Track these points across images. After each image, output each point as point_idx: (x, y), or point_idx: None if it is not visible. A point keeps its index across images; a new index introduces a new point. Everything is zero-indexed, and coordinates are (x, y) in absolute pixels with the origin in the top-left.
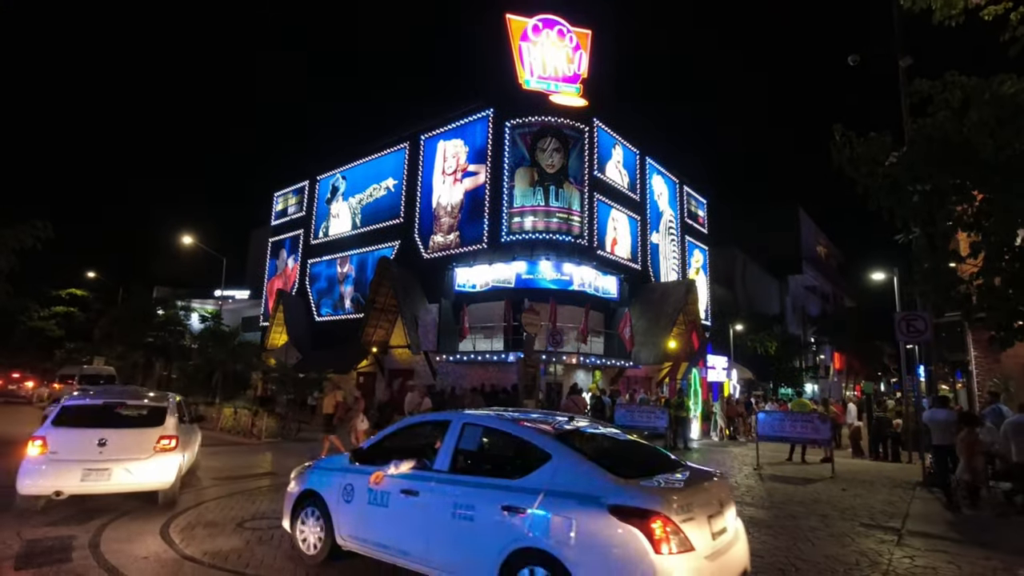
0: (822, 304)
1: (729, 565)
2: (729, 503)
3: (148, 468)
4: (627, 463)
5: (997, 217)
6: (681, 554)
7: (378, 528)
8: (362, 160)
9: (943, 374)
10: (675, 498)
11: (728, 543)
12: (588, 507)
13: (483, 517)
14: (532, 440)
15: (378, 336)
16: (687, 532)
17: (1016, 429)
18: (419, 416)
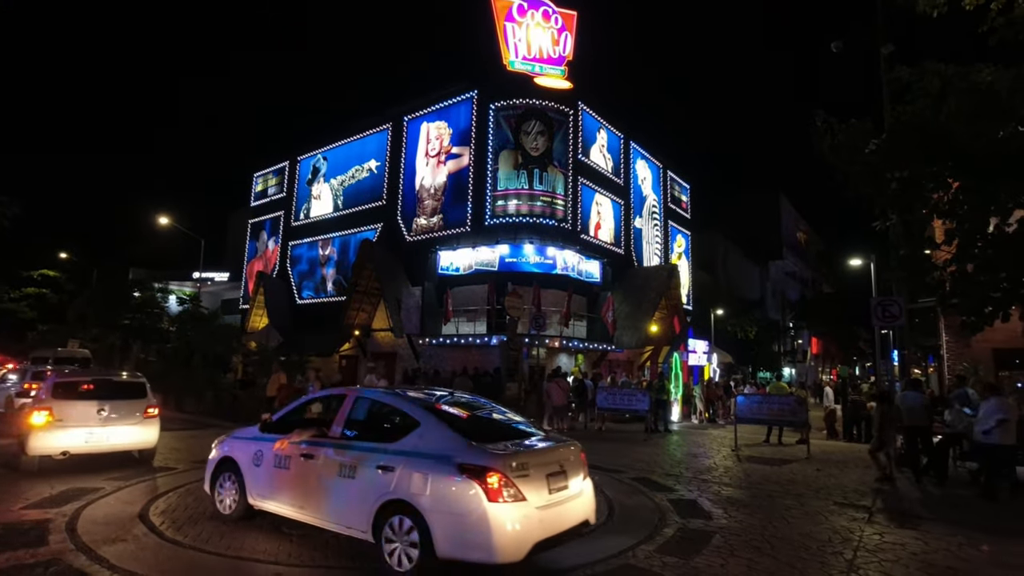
0: (801, 289)
1: (565, 515)
2: (576, 466)
3: (138, 431)
4: (485, 431)
5: (971, 205)
6: (513, 503)
7: (282, 488)
8: (344, 141)
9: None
10: (512, 458)
11: (567, 498)
12: (442, 465)
13: (363, 475)
14: (407, 410)
15: (361, 319)
16: (520, 486)
17: (983, 413)
18: (321, 391)
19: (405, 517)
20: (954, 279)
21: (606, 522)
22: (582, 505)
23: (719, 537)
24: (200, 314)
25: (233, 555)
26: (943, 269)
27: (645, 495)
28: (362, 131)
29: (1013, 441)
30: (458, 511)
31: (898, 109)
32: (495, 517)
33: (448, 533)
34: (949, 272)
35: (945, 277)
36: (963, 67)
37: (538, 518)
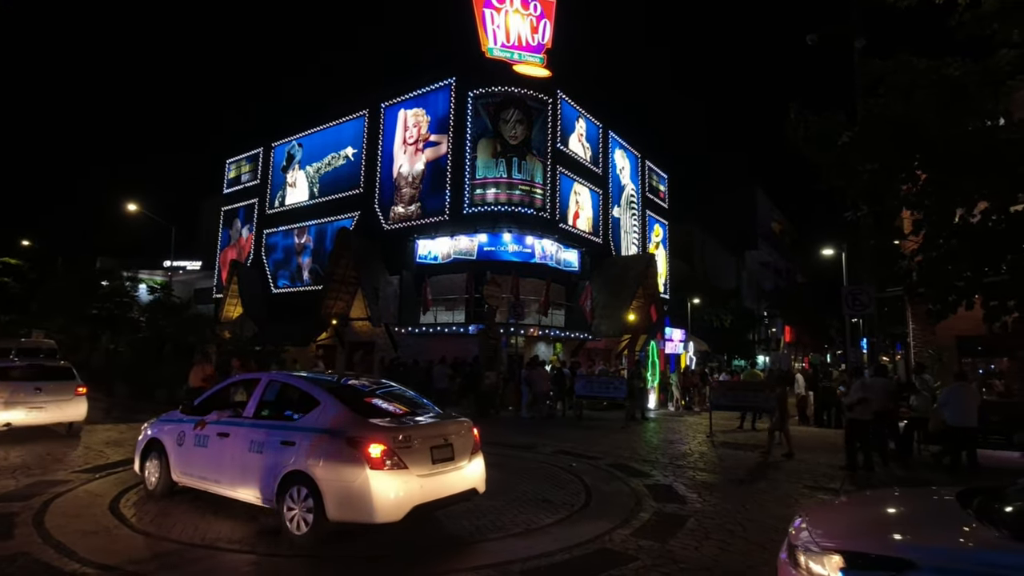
0: (776, 279)
1: (448, 483)
2: (465, 441)
3: (70, 407)
4: (379, 409)
5: (938, 197)
6: (394, 471)
7: (200, 464)
8: (320, 128)
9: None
10: (396, 432)
11: (452, 468)
12: (334, 439)
13: (269, 450)
14: (310, 391)
15: (338, 308)
16: (402, 456)
17: (947, 397)
18: (239, 376)
19: (303, 487)
20: (921, 268)
21: (584, 507)
22: (469, 475)
23: (693, 520)
24: (172, 303)
25: (207, 545)
26: (911, 259)
27: (622, 481)
28: (338, 117)
29: (868, 416)
30: (345, 478)
31: (870, 102)
32: (376, 483)
33: (336, 498)
34: (916, 262)
35: (912, 267)
36: (933, 61)
37: (419, 485)
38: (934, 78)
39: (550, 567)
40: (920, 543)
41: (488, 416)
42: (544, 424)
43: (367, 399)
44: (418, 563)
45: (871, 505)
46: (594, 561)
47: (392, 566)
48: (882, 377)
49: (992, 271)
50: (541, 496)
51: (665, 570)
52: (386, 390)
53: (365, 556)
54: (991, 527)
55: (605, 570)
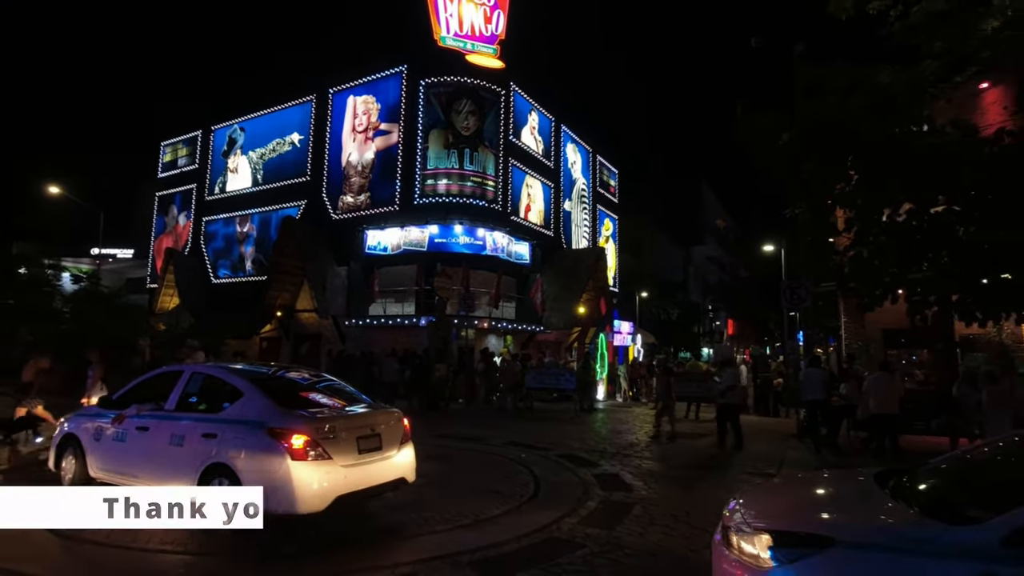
0: (720, 274)
1: (375, 473)
2: (394, 432)
3: None
4: (305, 400)
5: (868, 196)
6: (317, 461)
7: (118, 459)
8: (264, 112)
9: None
10: (320, 423)
11: (380, 458)
12: (256, 431)
13: (190, 442)
14: (234, 383)
15: (283, 299)
16: (326, 447)
17: (872, 386)
18: (161, 368)
19: (224, 479)
20: (851, 264)
21: (533, 498)
22: (398, 465)
23: (639, 508)
24: (100, 293)
25: (139, 547)
26: (842, 255)
27: (571, 471)
28: (284, 102)
29: (739, 401)
30: (266, 469)
31: (809, 104)
32: (298, 474)
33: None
34: (848, 257)
35: (844, 262)
36: (868, 68)
37: (343, 475)
38: (867, 84)
39: (499, 557)
40: (840, 521)
41: (438, 408)
42: (494, 416)
43: (300, 391)
44: (365, 556)
45: (800, 487)
46: (543, 550)
47: (337, 559)
48: (816, 368)
49: (915, 268)
50: (490, 487)
51: (612, 556)
52: (325, 383)
53: (307, 550)
54: (905, 505)
55: (553, 558)
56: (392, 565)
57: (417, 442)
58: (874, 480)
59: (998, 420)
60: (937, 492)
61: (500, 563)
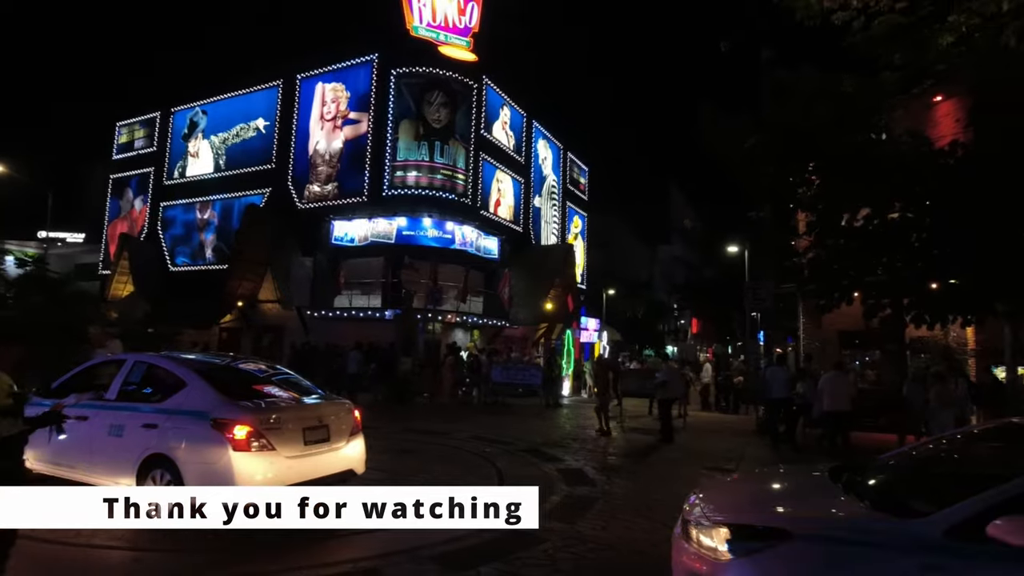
0: (686, 273)
1: (323, 464)
2: (343, 423)
3: None
4: (251, 391)
5: (828, 200)
6: (260, 452)
7: (56, 450)
8: (227, 95)
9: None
10: (265, 413)
11: (328, 449)
12: (199, 421)
13: (129, 433)
14: (178, 373)
15: (245, 289)
16: (271, 437)
17: (825, 384)
18: (103, 356)
19: (165, 470)
20: (811, 266)
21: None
22: (346, 456)
23: (602, 502)
24: (47, 278)
25: (83, 544)
26: (802, 257)
27: (535, 466)
28: (249, 86)
29: (675, 395)
30: (208, 460)
31: (775, 109)
32: (239, 465)
33: (196, 481)
34: (807, 259)
35: (804, 264)
36: (832, 76)
37: (288, 466)
38: (830, 92)
39: (460, 551)
40: (795, 515)
41: (403, 402)
42: (460, 410)
43: (251, 383)
44: (323, 551)
45: (757, 482)
46: (505, 543)
47: (295, 555)
48: (782, 368)
49: (871, 272)
50: (453, 481)
51: (574, 550)
52: (280, 376)
53: (263, 546)
54: (856, 499)
55: (515, 552)
56: (352, 560)
57: (381, 436)
58: (828, 475)
59: (942, 418)
60: (886, 487)
61: (462, 557)
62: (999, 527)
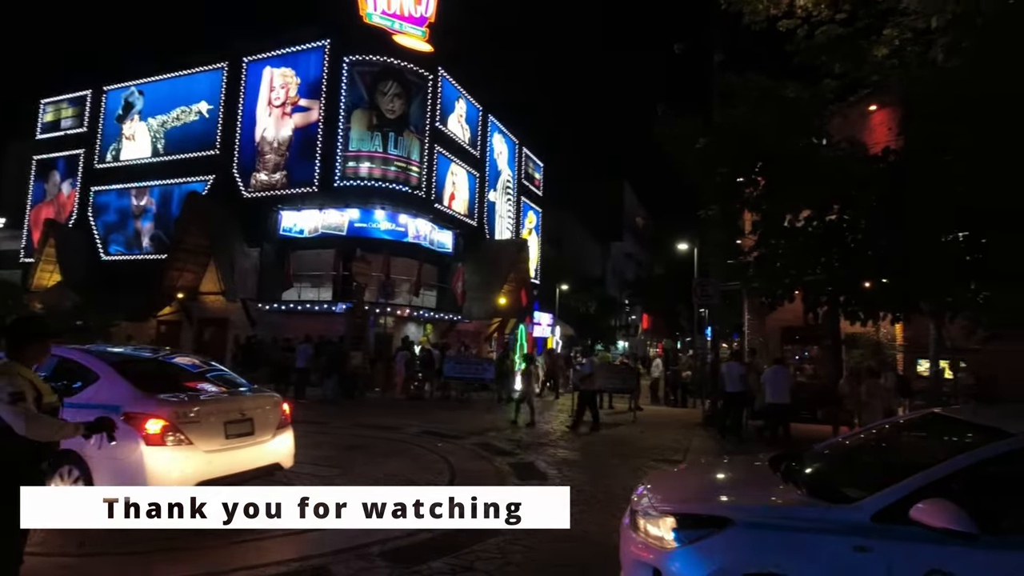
0: (637, 270)
1: (246, 458)
2: (269, 416)
3: None
4: (168, 384)
5: (772, 201)
6: (175, 447)
7: None
8: (167, 75)
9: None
10: (181, 407)
11: (252, 443)
12: (109, 415)
13: None
14: (90, 365)
15: (186, 280)
16: (187, 431)
17: (767, 379)
18: None
19: (73, 467)
20: (755, 264)
21: (447, 486)
22: (272, 450)
23: None
24: None
25: None
26: (748, 255)
27: (486, 460)
28: (191, 67)
29: (594, 387)
30: (117, 456)
31: (724, 111)
32: (152, 460)
33: (107, 477)
34: (752, 258)
35: (749, 262)
36: (776, 82)
37: (206, 460)
38: (775, 97)
39: (411, 547)
40: (737, 503)
41: (354, 397)
42: (412, 405)
43: (182, 378)
44: (270, 550)
45: (703, 472)
46: (456, 538)
47: (242, 553)
48: (737, 363)
49: (811, 270)
50: (403, 476)
51: (525, 543)
52: (214, 372)
53: (208, 544)
54: (794, 486)
55: (468, 546)
56: (301, 558)
57: (329, 431)
58: (768, 465)
59: (873, 410)
60: (820, 475)
61: (411, 552)
62: (920, 510)
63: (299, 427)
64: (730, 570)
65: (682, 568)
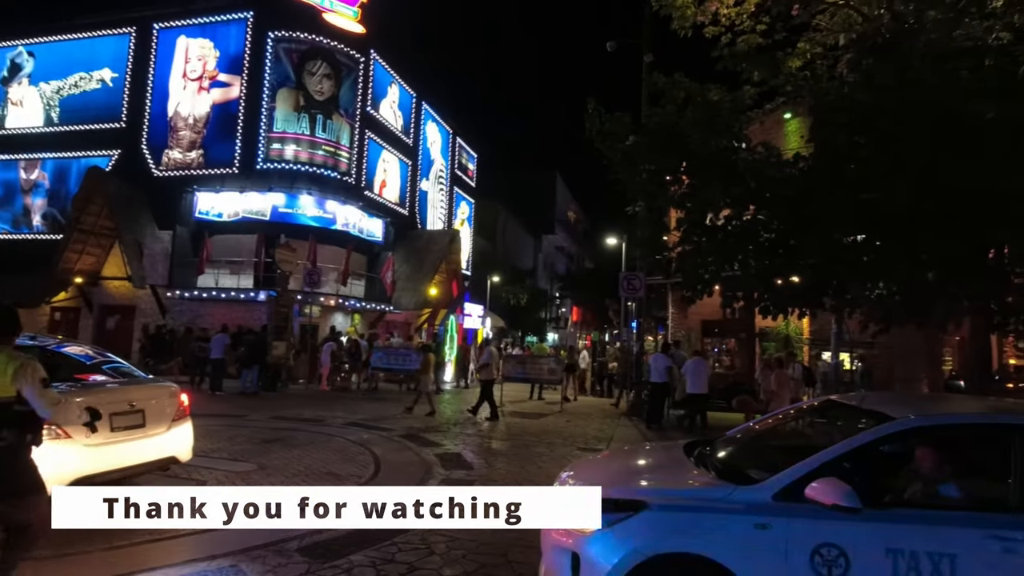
0: (568, 263)
1: (134, 452)
2: (161, 407)
3: None
4: (55, 374)
5: (695, 199)
6: (51, 441)
7: None
8: (63, 37)
9: (651, 327)
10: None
11: (141, 436)
12: None
13: None
14: None
15: (85, 264)
16: (64, 424)
17: (687, 370)
18: None
19: None
20: (677, 259)
21: (372, 478)
22: (167, 443)
23: (479, 485)
24: None
25: None
26: (671, 251)
27: (412, 451)
28: (92, 30)
29: (491, 377)
30: None
31: (652, 110)
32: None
33: None
34: (676, 253)
35: (672, 258)
36: (702, 85)
37: (87, 455)
38: (699, 100)
39: (331, 541)
40: (652, 487)
41: (275, 389)
42: (337, 397)
43: (72, 370)
44: (176, 550)
45: (623, 458)
46: (379, 530)
47: (146, 554)
48: (663, 355)
49: (728, 266)
50: (326, 469)
51: (448, 533)
52: (112, 365)
53: (114, 545)
54: (705, 471)
55: (389, 538)
56: (208, 558)
57: (247, 424)
58: (683, 450)
59: (781, 399)
60: (729, 459)
61: (331, 547)
62: (815, 489)
63: (213, 421)
64: (644, 551)
65: (599, 551)
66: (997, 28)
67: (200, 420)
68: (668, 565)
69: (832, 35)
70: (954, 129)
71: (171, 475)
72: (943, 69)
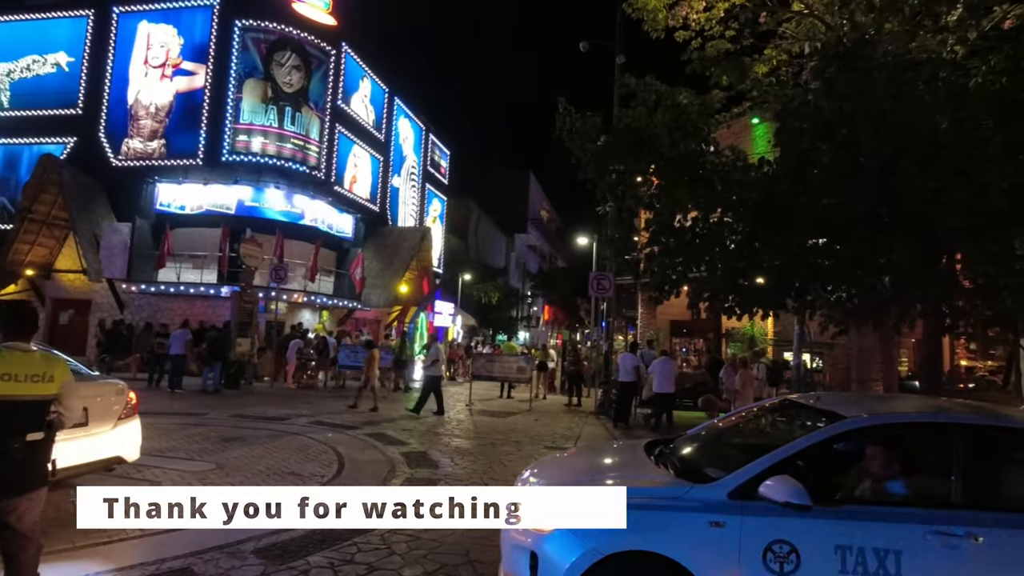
0: (540, 262)
1: (76, 452)
2: (108, 404)
3: None
4: None
5: (664, 200)
6: None
7: None
8: (14, 17)
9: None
10: None
11: (83, 435)
12: None
13: None
14: None
15: (37, 256)
16: None
17: (654, 369)
18: None
19: None
20: (646, 260)
21: (335, 477)
22: (112, 443)
23: (444, 484)
24: None
25: None
26: (640, 251)
27: (378, 449)
28: (47, 11)
29: (439, 373)
30: None
31: (623, 111)
32: None
33: None
34: (644, 254)
35: (641, 258)
36: (671, 88)
37: None
38: (669, 102)
39: (288, 542)
40: (611, 486)
41: (239, 387)
42: (303, 395)
43: None
44: (125, 553)
45: (586, 457)
46: (338, 531)
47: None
48: (631, 355)
49: (695, 268)
50: (288, 469)
51: (410, 532)
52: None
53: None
54: (665, 469)
55: (349, 538)
56: (157, 561)
57: (207, 422)
58: (644, 449)
59: (745, 398)
60: (688, 457)
61: (289, 548)
62: (768, 487)
63: (171, 419)
64: (601, 549)
65: (557, 550)
66: (951, 42)
67: (157, 419)
68: (625, 563)
69: (797, 43)
70: (910, 138)
71: (120, 475)
72: (900, 80)
